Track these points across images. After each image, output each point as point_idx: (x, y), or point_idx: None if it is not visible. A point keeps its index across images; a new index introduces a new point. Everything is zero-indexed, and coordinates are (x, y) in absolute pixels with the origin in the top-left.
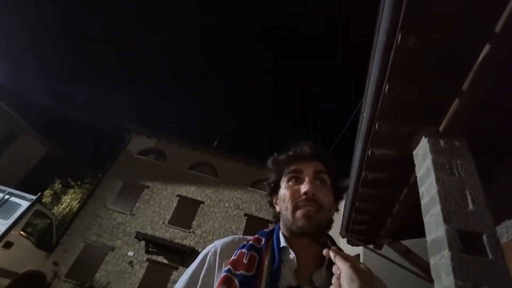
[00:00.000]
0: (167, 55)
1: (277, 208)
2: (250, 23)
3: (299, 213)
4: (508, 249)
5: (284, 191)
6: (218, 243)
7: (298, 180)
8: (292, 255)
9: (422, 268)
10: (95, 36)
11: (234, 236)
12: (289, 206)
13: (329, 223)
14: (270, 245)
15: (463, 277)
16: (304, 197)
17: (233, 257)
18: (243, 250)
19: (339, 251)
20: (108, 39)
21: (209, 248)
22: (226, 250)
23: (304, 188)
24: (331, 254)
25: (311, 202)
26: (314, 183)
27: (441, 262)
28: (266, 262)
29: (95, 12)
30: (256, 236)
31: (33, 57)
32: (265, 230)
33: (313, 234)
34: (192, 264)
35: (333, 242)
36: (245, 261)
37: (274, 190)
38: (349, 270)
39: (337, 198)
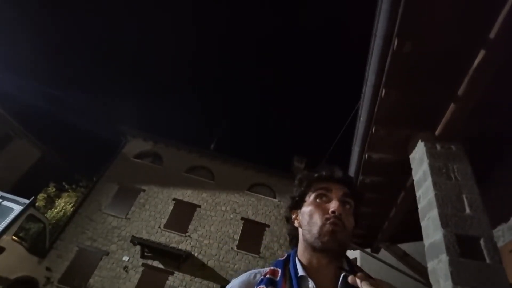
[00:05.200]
0: (164, 58)
1: (296, 224)
2: (249, 29)
3: (325, 229)
4: (505, 252)
5: (311, 207)
6: (235, 283)
7: (326, 199)
8: (311, 284)
9: (420, 272)
10: (91, 39)
11: (249, 272)
12: (316, 222)
13: (348, 245)
14: (288, 275)
15: (461, 281)
16: (332, 215)
17: None
18: (262, 287)
19: (366, 277)
20: (105, 42)
21: None
22: None
23: (333, 207)
24: (358, 282)
25: (338, 221)
26: (342, 204)
27: (439, 267)
28: None
29: (93, 16)
30: (271, 267)
31: (28, 60)
32: (279, 259)
33: (334, 252)
34: None
35: (350, 264)
36: None
37: (297, 204)
38: None
39: (355, 222)
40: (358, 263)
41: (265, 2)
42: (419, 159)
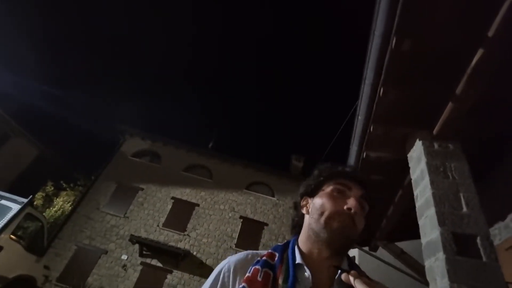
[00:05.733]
0: (163, 57)
1: (304, 210)
2: (247, 29)
3: (335, 223)
4: (501, 251)
5: (326, 197)
6: (232, 260)
7: (343, 195)
8: (307, 273)
9: (417, 270)
10: (89, 38)
11: (248, 252)
12: (327, 212)
13: (353, 244)
14: (285, 260)
15: (458, 279)
16: (347, 211)
17: (247, 274)
18: (257, 267)
19: (360, 276)
20: (104, 41)
21: (223, 264)
22: (239, 267)
23: (351, 204)
24: (351, 279)
25: (350, 218)
26: (359, 204)
27: (436, 265)
28: (280, 280)
29: (91, 14)
30: (269, 251)
31: (25, 59)
32: (279, 244)
33: (338, 246)
34: (206, 281)
35: (351, 263)
36: (259, 279)
37: (311, 192)
38: None
39: (364, 227)
40: (356, 262)
41: (264, 2)
42: (417, 157)
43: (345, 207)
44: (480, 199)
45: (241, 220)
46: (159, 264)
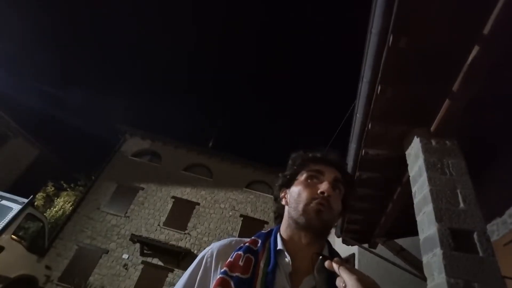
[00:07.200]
0: (162, 56)
1: (283, 202)
2: (247, 27)
3: (311, 208)
4: (499, 246)
5: (300, 186)
6: (215, 246)
7: (317, 180)
8: (287, 258)
9: (416, 266)
10: (88, 38)
11: (232, 238)
12: (303, 200)
13: (331, 227)
14: (267, 247)
15: (455, 274)
16: (320, 195)
17: (229, 259)
18: (239, 252)
19: (343, 263)
20: (102, 41)
21: (206, 250)
22: (222, 252)
23: (322, 188)
24: (335, 266)
25: (325, 202)
26: (332, 187)
27: (433, 260)
28: (261, 265)
29: (90, 14)
30: (253, 238)
31: (24, 59)
32: (262, 231)
33: (317, 230)
34: (189, 266)
35: (331, 249)
36: (241, 263)
37: (287, 183)
38: (357, 284)
39: (344, 209)
40: (356, 259)
41: (264, 1)
42: (415, 154)
43: (318, 191)
44: (477, 195)
45: (242, 218)
46: (160, 263)
